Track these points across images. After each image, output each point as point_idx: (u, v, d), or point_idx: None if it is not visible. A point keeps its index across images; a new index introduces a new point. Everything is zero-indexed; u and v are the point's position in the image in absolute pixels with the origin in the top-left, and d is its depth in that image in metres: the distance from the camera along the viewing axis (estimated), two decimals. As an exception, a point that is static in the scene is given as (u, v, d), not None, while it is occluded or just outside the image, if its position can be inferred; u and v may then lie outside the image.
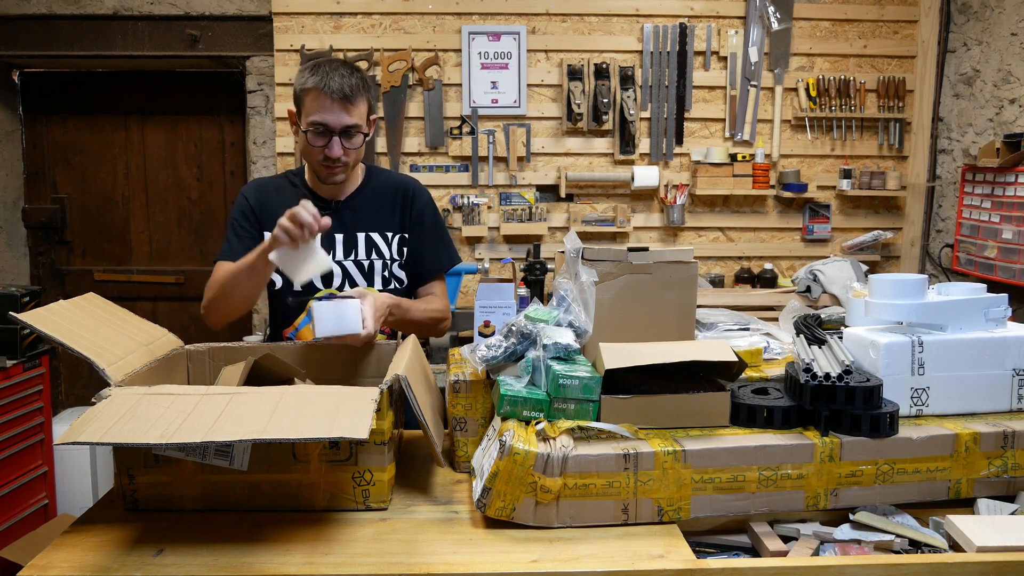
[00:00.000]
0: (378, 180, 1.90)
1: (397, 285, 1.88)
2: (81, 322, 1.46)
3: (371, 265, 1.83)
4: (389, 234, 1.86)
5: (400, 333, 1.85)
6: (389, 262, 1.85)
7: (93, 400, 1.25)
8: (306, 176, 1.88)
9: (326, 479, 1.30)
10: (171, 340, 1.63)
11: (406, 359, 1.41)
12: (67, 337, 1.37)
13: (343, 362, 1.65)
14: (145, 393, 1.26)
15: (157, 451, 1.27)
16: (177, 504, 1.30)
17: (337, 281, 1.81)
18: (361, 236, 1.83)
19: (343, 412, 1.17)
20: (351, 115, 1.70)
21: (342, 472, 1.30)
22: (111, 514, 1.30)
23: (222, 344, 1.67)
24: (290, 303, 1.84)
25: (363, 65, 3.51)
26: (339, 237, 1.82)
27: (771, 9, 3.56)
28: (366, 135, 1.75)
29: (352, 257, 1.82)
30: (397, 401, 1.46)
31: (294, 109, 1.78)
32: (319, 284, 1.81)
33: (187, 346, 1.66)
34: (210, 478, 1.29)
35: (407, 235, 1.88)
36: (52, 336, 1.36)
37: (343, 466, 1.29)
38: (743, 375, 1.54)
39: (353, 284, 1.81)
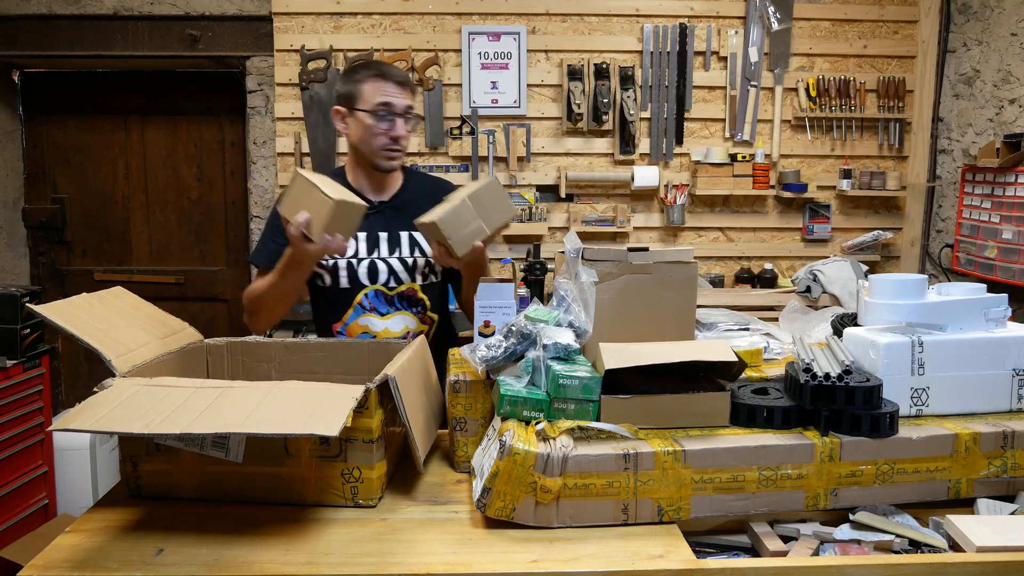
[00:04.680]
0: (417, 182, 2.01)
1: (434, 279, 1.97)
2: (98, 314, 1.48)
3: (415, 262, 1.92)
4: None
5: (409, 334, 1.89)
6: (432, 259, 1.89)
7: (95, 389, 1.26)
8: (349, 177, 1.95)
9: (316, 474, 1.31)
10: (190, 334, 1.65)
11: (404, 359, 1.41)
12: (77, 327, 1.39)
13: (366, 360, 1.68)
14: (145, 384, 1.28)
15: (158, 440, 1.28)
16: (176, 492, 1.33)
17: (383, 277, 1.90)
18: (404, 235, 1.92)
19: (322, 409, 1.18)
20: (410, 97, 1.86)
21: (331, 468, 1.30)
22: (111, 514, 1.30)
23: (240, 339, 1.70)
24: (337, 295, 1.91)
25: (363, 65, 3.51)
26: (383, 236, 1.91)
27: (771, 9, 3.56)
28: (415, 121, 1.88)
29: (396, 254, 1.91)
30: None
31: (342, 108, 1.88)
32: (366, 281, 1.89)
33: (206, 340, 1.68)
34: (207, 468, 1.31)
35: None
36: (61, 326, 1.37)
37: (332, 462, 1.30)
38: (743, 375, 1.53)
39: (398, 280, 1.90)
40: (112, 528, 1.24)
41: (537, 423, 1.28)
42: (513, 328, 1.41)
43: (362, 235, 1.89)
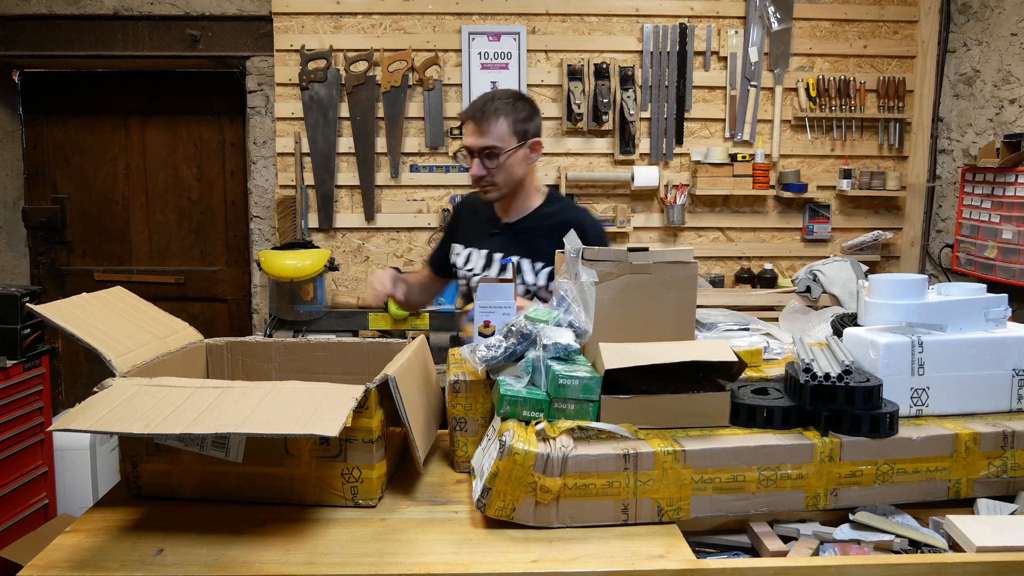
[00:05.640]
0: (550, 211, 1.99)
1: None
2: (98, 314, 1.48)
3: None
4: (539, 264, 1.95)
5: (410, 334, 1.89)
6: (532, 287, 1.95)
7: (95, 389, 1.26)
8: None
9: (316, 474, 1.31)
10: (190, 334, 1.65)
11: (404, 359, 1.41)
12: (77, 327, 1.39)
13: (366, 360, 1.68)
14: (145, 384, 1.28)
15: (158, 440, 1.28)
16: (176, 492, 1.33)
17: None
18: (513, 260, 1.97)
19: (322, 409, 1.18)
20: (485, 136, 1.85)
21: (331, 468, 1.31)
22: (111, 514, 1.30)
23: (240, 339, 1.70)
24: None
25: (363, 66, 3.51)
26: (497, 256, 1.99)
27: (771, 9, 3.56)
28: (502, 157, 1.86)
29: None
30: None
31: None
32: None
33: (207, 340, 1.68)
34: (207, 468, 1.31)
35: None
36: (62, 326, 1.37)
37: (332, 462, 1.30)
38: (743, 375, 1.53)
39: None
40: (112, 528, 1.24)
41: (537, 423, 1.28)
42: (513, 328, 1.41)
43: (483, 252, 2.00)
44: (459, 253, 2.07)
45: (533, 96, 3.58)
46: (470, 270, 2.03)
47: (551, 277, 1.96)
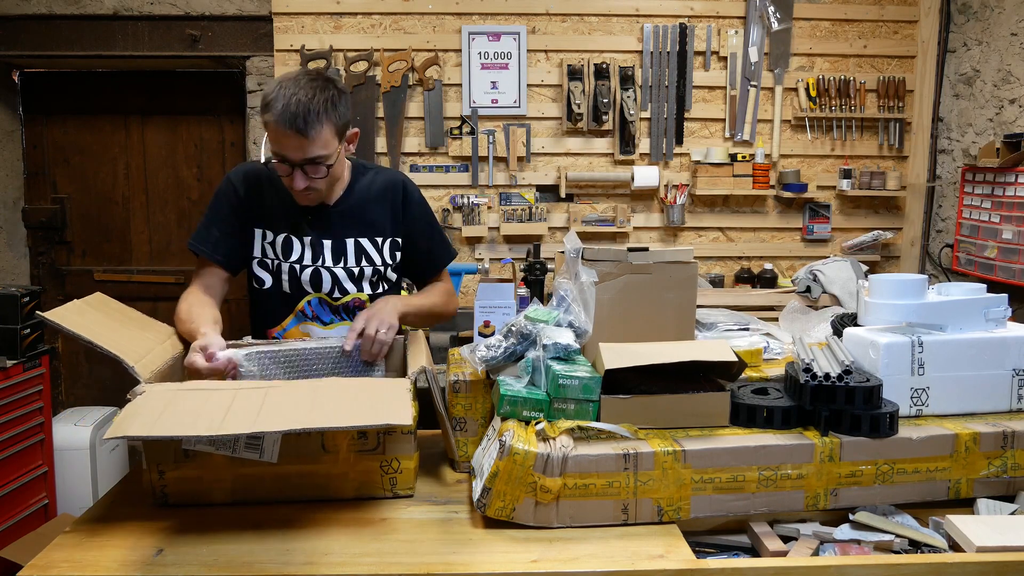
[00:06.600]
0: (366, 181, 1.84)
1: (386, 287, 1.86)
2: (101, 321, 1.48)
3: (360, 271, 1.80)
4: (379, 239, 1.82)
5: (407, 329, 1.85)
6: (381, 267, 1.82)
7: (128, 396, 1.26)
8: None
9: (355, 468, 1.32)
10: (181, 339, 1.65)
11: (425, 353, 1.45)
12: (95, 336, 1.39)
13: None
14: (178, 389, 1.27)
15: (186, 444, 1.27)
16: (207, 498, 1.31)
17: (327, 286, 1.79)
18: (350, 242, 1.80)
19: (381, 401, 1.19)
20: (310, 147, 1.60)
21: (370, 461, 1.32)
22: (111, 513, 1.30)
23: (230, 342, 1.68)
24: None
25: (363, 66, 3.51)
26: (327, 243, 1.78)
27: (771, 9, 3.56)
28: (330, 165, 1.65)
29: (342, 264, 1.79)
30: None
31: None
32: (308, 288, 1.78)
33: None
34: (240, 471, 1.30)
35: (400, 240, 1.85)
36: (80, 335, 1.37)
37: (371, 455, 1.32)
38: (743, 375, 1.53)
39: (343, 290, 1.79)
40: (112, 528, 1.24)
41: (537, 423, 1.28)
42: (513, 328, 1.41)
43: (306, 240, 1.77)
44: (270, 241, 1.78)
45: (533, 96, 3.59)
46: (297, 260, 1.77)
47: (395, 247, 1.84)
